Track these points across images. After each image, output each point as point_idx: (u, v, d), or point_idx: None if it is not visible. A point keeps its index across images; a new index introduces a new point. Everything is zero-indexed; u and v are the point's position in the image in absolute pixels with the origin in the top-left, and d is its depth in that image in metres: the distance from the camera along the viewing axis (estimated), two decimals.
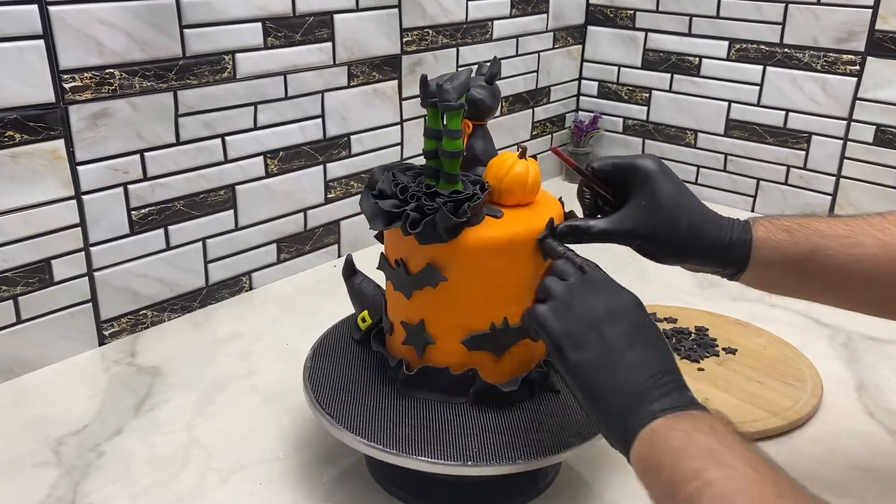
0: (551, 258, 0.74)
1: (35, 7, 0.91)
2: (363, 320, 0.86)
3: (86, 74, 0.97)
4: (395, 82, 1.35)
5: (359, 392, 0.79)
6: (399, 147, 1.40)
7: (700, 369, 1.02)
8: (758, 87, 1.55)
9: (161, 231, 1.10)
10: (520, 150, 0.78)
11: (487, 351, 0.76)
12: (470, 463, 0.70)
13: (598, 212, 0.80)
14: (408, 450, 0.71)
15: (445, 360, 0.77)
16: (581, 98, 1.82)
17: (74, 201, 1.00)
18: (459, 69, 0.76)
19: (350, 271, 0.89)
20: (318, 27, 1.20)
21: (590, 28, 1.75)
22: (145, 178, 1.07)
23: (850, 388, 1.02)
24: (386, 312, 0.82)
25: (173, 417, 0.93)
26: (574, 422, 0.75)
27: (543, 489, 0.82)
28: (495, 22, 1.51)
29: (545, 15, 1.63)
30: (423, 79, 0.73)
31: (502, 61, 1.57)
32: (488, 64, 0.83)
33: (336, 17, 1.22)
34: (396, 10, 1.31)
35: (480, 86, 0.81)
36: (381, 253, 0.81)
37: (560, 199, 0.82)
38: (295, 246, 1.30)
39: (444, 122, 0.72)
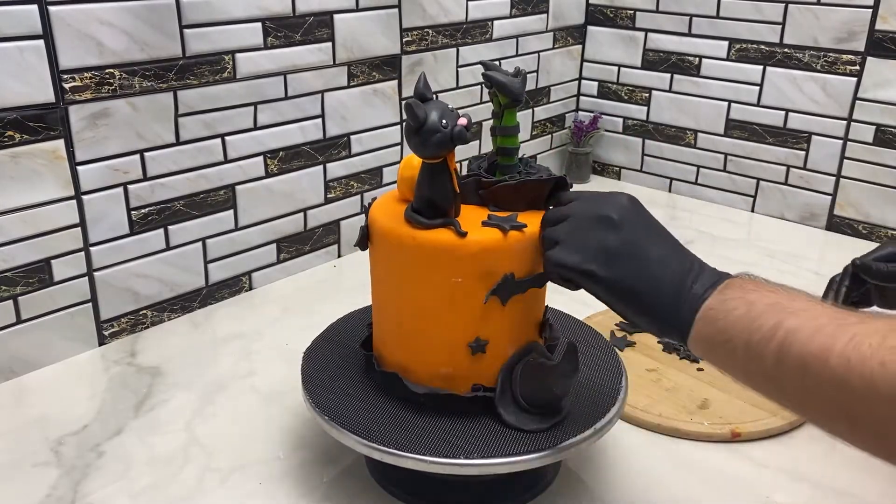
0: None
1: (35, 7, 0.91)
2: None
3: (86, 74, 0.97)
4: (395, 82, 1.35)
5: (358, 391, 0.79)
6: (399, 147, 1.40)
7: (700, 369, 1.02)
8: (758, 87, 1.55)
9: (161, 231, 1.10)
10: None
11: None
12: (469, 462, 0.70)
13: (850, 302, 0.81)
14: (407, 449, 0.71)
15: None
16: (581, 98, 1.82)
17: (74, 201, 1.00)
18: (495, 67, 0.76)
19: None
20: (317, 27, 1.20)
21: (590, 28, 1.75)
22: (145, 178, 1.07)
23: None
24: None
25: (173, 417, 0.93)
26: (574, 421, 0.75)
27: (543, 489, 0.82)
28: (495, 22, 1.51)
29: (545, 15, 1.63)
30: (525, 76, 0.75)
31: (502, 61, 1.57)
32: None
33: (336, 17, 1.22)
34: (396, 10, 1.31)
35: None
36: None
37: None
38: (295, 246, 1.30)
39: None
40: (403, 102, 0.68)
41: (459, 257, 0.71)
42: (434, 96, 0.72)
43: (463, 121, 0.70)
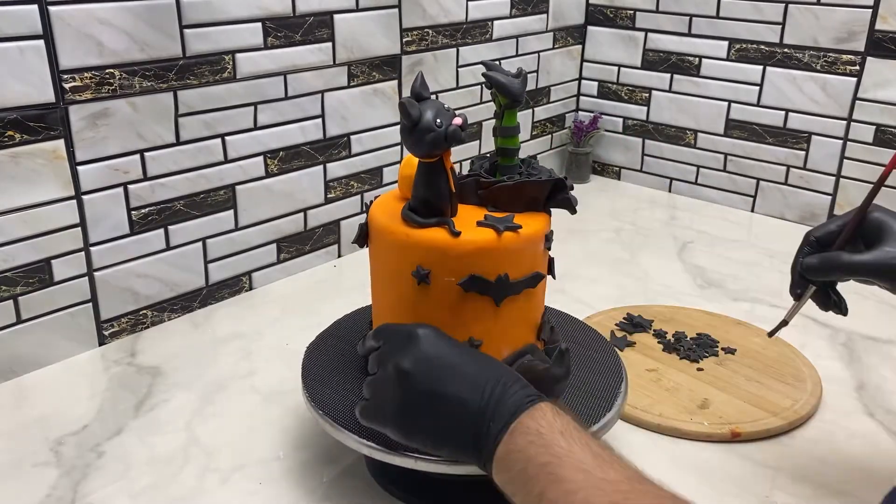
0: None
1: (35, 7, 0.91)
2: None
3: (86, 74, 0.97)
4: (395, 82, 1.35)
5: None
6: (399, 147, 1.40)
7: (699, 369, 1.02)
8: (758, 87, 1.55)
9: (161, 231, 1.10)
10: None
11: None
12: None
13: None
14: (407, 449, 0.71)
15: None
16: (581, 98, 1.82)
17: (74, 201, 1.00)
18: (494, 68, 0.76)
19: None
20: (318, 27, 1.20)
21: (590, 28, 1.75)
22: (145, 178, 1.07)
23: (850, 388, 1.02)
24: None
25: (173, 417, 0.93)
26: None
27: None
28: (495, 22, 1.51)
29: (545, 15, 1.63)
30: (525, 77, 0.76)
31: (502, 61, 1.57)
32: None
33: (336, 17, 1.22)
34: (396, 10, 1.31)
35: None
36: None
37: None
38: (295, 246, 1.30)
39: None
40: (398, 101, 0.69)
41: (452, 257, 0.71)
42: (433, 95, 0.72)
43: (458, 120, 0.70)
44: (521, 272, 0.73)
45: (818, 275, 0.79)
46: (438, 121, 0.69)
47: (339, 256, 1.37)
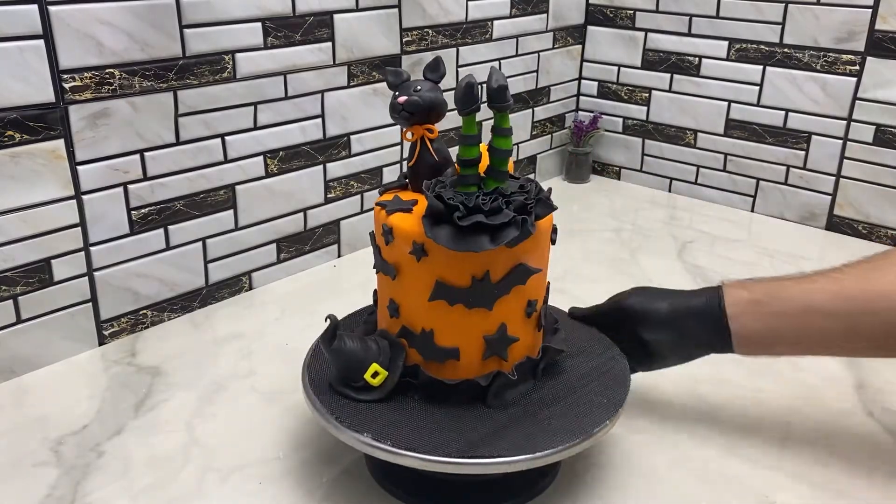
0: None
1: (35, 7, 0.91)
2: (374, 375, 0.76)
3: (86, 74, 0.97)
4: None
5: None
6: (399, 147, 1.40)
7: None
8: (758, 87, 1.55)
9: (161, 231, 1.10)
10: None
11: (547, 322, 0.82)
12: (470, 462, 0.70)
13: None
14: (407, 448, 0.71)
15: (524, 352, 0.79)
16: (581, 98, 1.82)
17: (74, 201, 1.00)
18: (466, 74, 0.74)
19: (331, 337, 0.77)
20: (317, 27, 1.20)
21: (590, 28, 1.75)
22: (145, 178, 1.07)
23: (850, 388, 1.02)
24: (436, 343, 0.76)
25: (173, 417, 0.93)
26: (574, 420, 0.75)
27: (543, 489, 0.82)
28: (495, 22, 1.51)
29: (545, 15, 1.63)
30: (470, 87, 0.73)
31: (503, 61, 1.57)
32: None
33: (336, 16, 1.22)
34: (396, 10, 1.31)
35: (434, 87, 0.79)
36: (438, 281, 0.73)
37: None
38: (295, 246, 1.30)
39: (497, 123, 0.74)
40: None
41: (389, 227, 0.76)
42: (437, 78, 0.78)
43: (402, 98, 0.76)
44: (389, 255, 0.76)
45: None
46: (397, 93, 0.76)
47: (339, 256, 1.37)
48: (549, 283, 0.83)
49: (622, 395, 0.80)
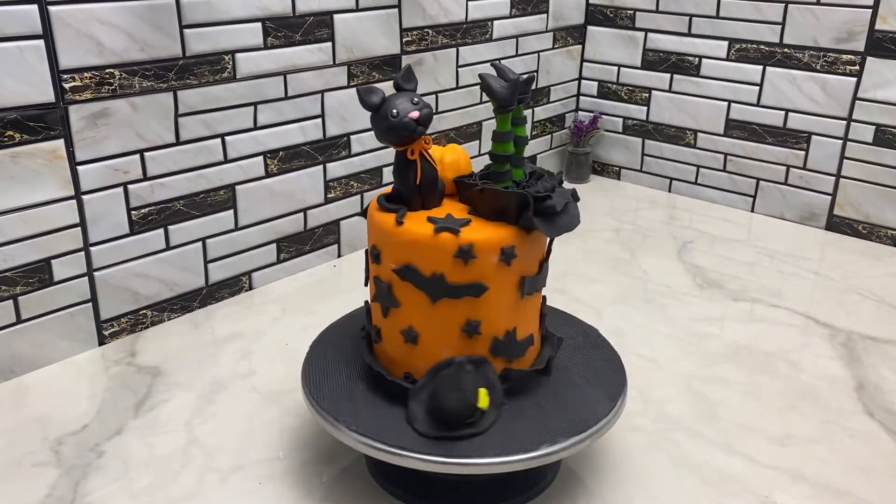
0: None
1: (35, 7, 0.91)
2: (483, 398, 0.73)
3: (86, 74, 0.97)
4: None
5: (357, 391, 0.79)
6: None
7: None
8: (757, 87, 1.55)
9: (161, 231, 1.10)
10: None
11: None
12: (469, 462, 0.70)
13: None
14: (407, 448, 0.71)
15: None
16: (581, 98, 1.82)
17: (74, 201, 1.00)
18: (481, 73, 0.74)
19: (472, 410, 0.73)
20: (318, 27, 1.20)
21: (590, 28, 1.75)
22: (145, 178, 1.07)
23: (850, 388, 1.02)
24: (517, 339, 0.76)
25: (173, 417, 0.93)
26: (573, 421, 0.75)
27: (543, 489, 0.82)
28: (495, 22, 1.51)
29: (545, 15, 1.63)
30: (528, 83, 0.73)
31: (503, 61, 1.57)
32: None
33: (336, 17, 1.22)
34: (396, 10, 1.31)
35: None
36: (523, 277, 0.74)
37: None
38: (295, 246, 1.30)
39: (514, 113, 0.75)
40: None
41: (393, 243, 0.74)
42: (414, 88, 0.74)
43: (414, 114, 0.71)
44: (462, 277, 0.72)
45: None
46: (395, 111, 0.71)
47: (339, 256, 1.37)
48: None
49: (623, 394, 0.80)
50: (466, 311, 0.73)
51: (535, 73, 1.66)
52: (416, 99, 0.72)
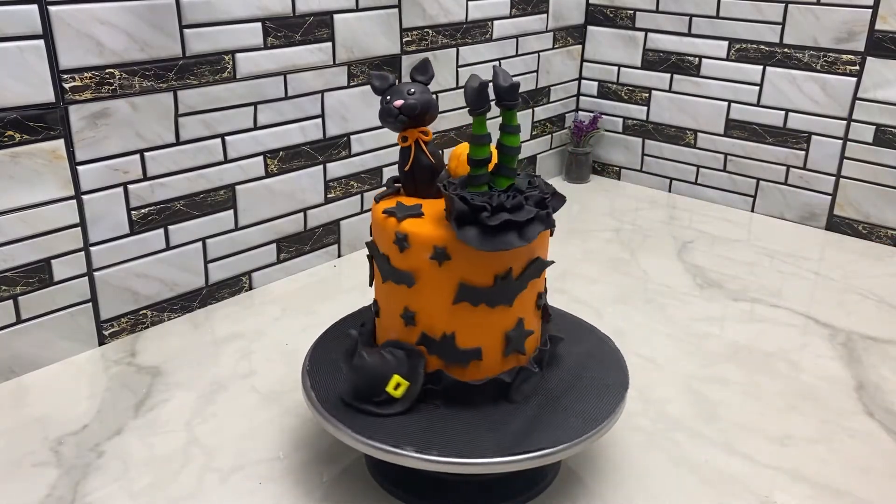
0: None
1: (35, 7, 0.91)
2: (397, 386, 0.75)
3: (86, 74, 0.97)
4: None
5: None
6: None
7: None
8: (757, 87, 1.55)
9: (161, 231, 1.10)
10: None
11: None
12: (469, 461, 0.70)
13: None
14: (406, 448, 0.71)
15: (535, 344, 0.80)
16: (581, 98, 1.82)
17: (74, 201, 1.00)
18: (472, 74, 0.74)
19: (352, 352, 0.75)
20: (318, 27, 1.20)
21: (590, 28, 1.75)
22: (145, 178, 1.07)
23: (850, 388, 1.02)
24: (457, 346, 0.75)
25: (173, 417, 0.93)
26: (574, 421, 0.75)
27: (543, 489, 0.82)
28: (495, 22, 1.51)
29: (545, 15, 1.63)
30: (483, 87, 0.71)
31: (502, 62, 1.57)
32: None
33: (336, 17, 1.22)
34: (396, 10, 1.31)
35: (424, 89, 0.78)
36: (462, 283, 0.73)
37: None
38: (295, 246, 1.30)
39: (505, 121, 0.73)
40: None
41: (373, 222, 0.78)
42: (426, 80, 0.76)
43: (398, 102, 0.75)
44: (400, 263, 0.74)
45: None
46: (388, 97, 0.75)
47: (339, 256, 1.37)
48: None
49: (624, 395, 0.80)
50: (404, 298, 0.76)
51: (537, 74, 1.66)
52: (412, 90, 0.75)
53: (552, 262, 0.76)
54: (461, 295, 0.73)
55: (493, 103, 0.72)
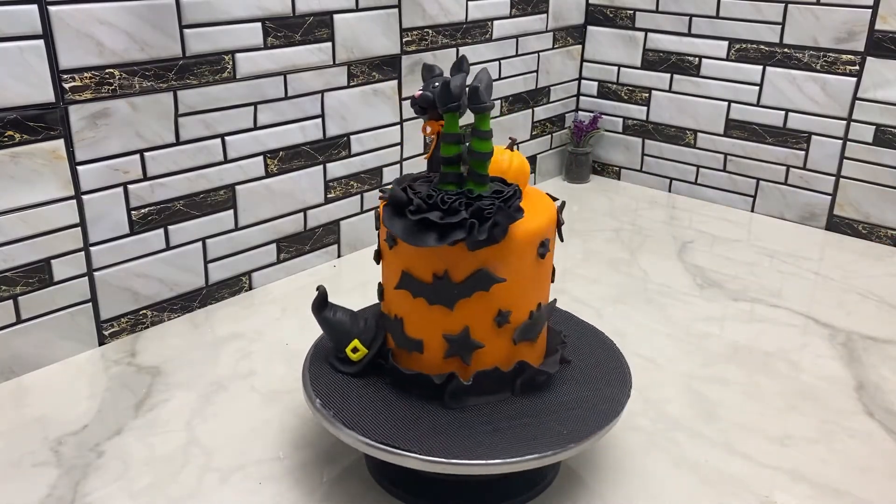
0: None
1: (35, 7, 0.91)
2: (354, 350, 0.80)
3: (86, 74, 0.97)
4: (395, 82, 1.35)
5: (357, 391, 0.79)
6: (399, 147, 1.40)
7: None
8: (757, 87, 1.55)
9: (161, 231, 1.10)
10: (510, 141, 0.82)
11: (530, 339, 0.78)
12: (469, 462, 0.70)
13: None
14: (407, 448, 0.71)
15: (493, 361, 0.77)
16: (581, 98, 1.82)
17: (74, 201, 1.00)
18: (477, 70, 0.75)
19: (321, 304, 0.81)
20: (318, 27, 1.20)
21: (590, 28, 1.75)
22: (145, 178, 1.07)
23: (850, 388, 1.02)
24: (405, 331, 0.78)
25: (173, 417, 0.93)
26: (574, 422, 0.75)
27: (543, 489, 0.82)
28: (495, 22, 1.51)
29: (545, 15, 1.63)
30: (447, 85, 0.71)
31: (503, 62, 1.57)
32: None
33: (336, 17, 1.22)
34: (396, 10, 1.31)
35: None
36: (404, 272, 0.76)
37: (556, 199, 0.82)
38: (295, 246, 1.30)
39: (476, 125, 0.72)
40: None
41: None
42: (461, 76, 0.74)
43: (417, 93, 0.79)
44: (380, 242, 0.80)
45: None
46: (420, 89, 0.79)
47: (339, 256, 1.37)
48: (555, 300, 0.82)
49: (625, 395, 0.80)
50: (380, 273, 0.82)
51: (537, 74, 1.66)
52: (435, 84, 0.78)
53: (501, 279, 0.73)
54: (403, 282, 0.76)
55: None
